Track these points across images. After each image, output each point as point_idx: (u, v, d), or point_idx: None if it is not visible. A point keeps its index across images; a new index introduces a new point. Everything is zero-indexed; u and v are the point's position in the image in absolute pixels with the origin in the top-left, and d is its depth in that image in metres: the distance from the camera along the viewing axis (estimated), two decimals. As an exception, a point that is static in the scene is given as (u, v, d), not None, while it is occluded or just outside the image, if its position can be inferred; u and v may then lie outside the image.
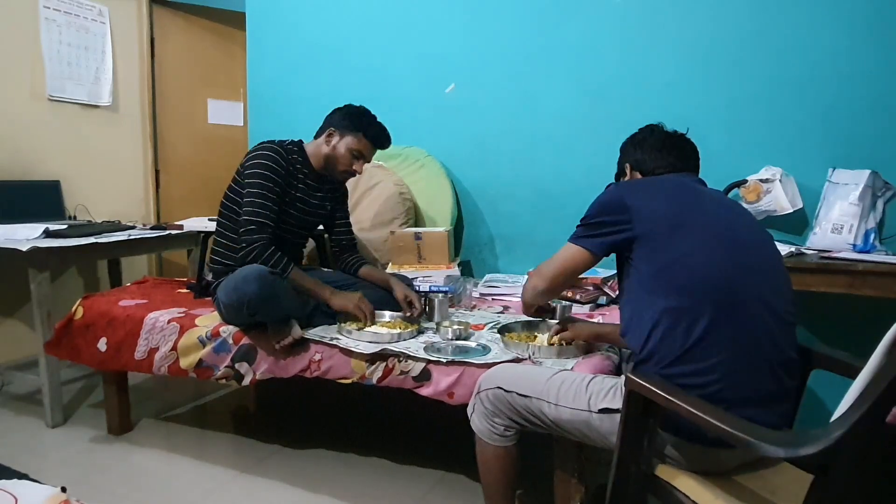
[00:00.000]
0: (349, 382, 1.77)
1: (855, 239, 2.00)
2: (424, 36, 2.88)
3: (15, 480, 1.07)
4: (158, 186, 3.80)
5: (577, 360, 1.60)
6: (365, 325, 1.90)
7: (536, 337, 1.77)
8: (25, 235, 2.35)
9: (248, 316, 1.82)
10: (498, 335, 1.78)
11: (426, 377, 1.67)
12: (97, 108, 3.41)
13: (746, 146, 2.31)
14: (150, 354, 2.02)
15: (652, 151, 1.56)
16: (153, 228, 2.89)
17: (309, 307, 1.94)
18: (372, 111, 2.11)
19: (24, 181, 2.98)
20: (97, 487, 1.92)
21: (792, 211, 2.13)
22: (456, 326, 1.85)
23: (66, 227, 2.59)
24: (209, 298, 2.15)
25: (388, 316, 2.00)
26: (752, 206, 2.15)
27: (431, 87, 2.88)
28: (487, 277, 2.63)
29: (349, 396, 2.60)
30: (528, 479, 1.63)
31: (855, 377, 0.87)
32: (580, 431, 1.34)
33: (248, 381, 1.90)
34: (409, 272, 2.41)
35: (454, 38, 2.82)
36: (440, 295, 2.10)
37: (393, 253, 2.57)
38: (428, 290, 2.18)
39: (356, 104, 2.11)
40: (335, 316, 1.95)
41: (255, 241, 1.89)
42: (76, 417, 2.46)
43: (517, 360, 1.61)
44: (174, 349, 1.98)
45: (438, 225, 2.68)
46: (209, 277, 2.17)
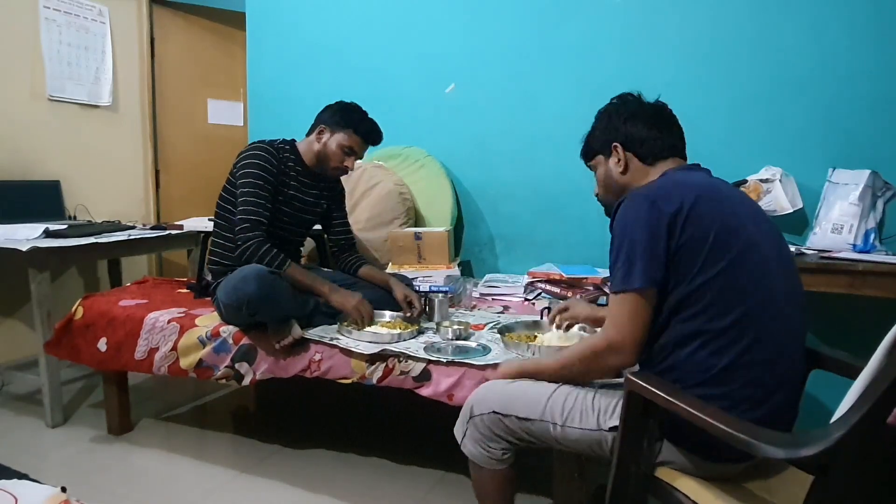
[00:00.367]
0: (349, 382, 1.77)
1: (855, 239, 2.00)
2: (424, 36, 2.88)
3: (15, 480, 1.07)
4: (158, 186, 3.80)
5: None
6: (363, 326, 1.90)
7: (536, 337, 1.77)
8: (25, 235, 2.35)
9: (247, 316, 1.82)
10: (498, 335, 1.78)
11: (426, 377, 1.67)
12: (97, 108, 3.41)
13: (746, 146, 2.31)
14: (150, 354, 2.02)
15: (650, 128, 1.30)
16: (153, 228, 2.89)
17: (309, 307, 1.93)
18: (368, 110, 2.10)
19: (24, 181, 2.98)
20: (97, 487, 1.92)
21: (792, 211, 2.13)
22: (456, 326, 1.86)
23: (66, 227, 2.59)
24: (209, 298, 2.15)
25: (388, 316, 2.00)
26: (752, 206, 2.15)
27: (431, 87, 2.88)
28: (487, 277, 2.63)
29: (349, 396, 2.60)
30: (528, 478, 1.62)
31: (855, 377, 0.87)
32: (590, 449, 1.25)
33: (248, 381, 1.90)
34: (409, 272, 2.41)
35: (454, 38, 2.82)
36: (440, 295, 2.10)
37: (393, 253, 2.57)
38: (428, 290, 2.18)
39: (368, 110, 2.10)
40: (335, 316, 1.95)
41: (250, 238, 1.89)
42: (76, 417, 2.45)
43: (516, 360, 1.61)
44: (174, 349, 1.98)
45: (438, 225, 2.68)
46: (208, 278, 2.17)
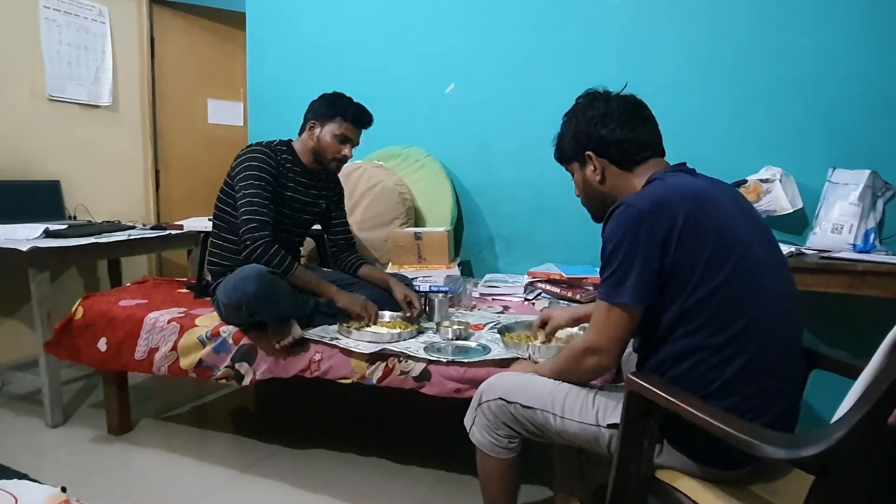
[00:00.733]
0: (349, 382, 1.77)
1: (855, 239, 2.00)
2: (424, 36, 2.88)
3: (15, 480, 1.07)
4: (158, 186, 3.80)
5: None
6: (367, 324, 1.91)
7: (536, 337, 1.77)
8: (25, 235, 2.35)
9: (247, 316, 1.82)
10: (498, 335, 1.78)
11: (426, 377, 1.67)
12: (97, 108, 3.41)
13: (746, 146, 2.31)
14: (150, 354, 2.02)
15: (623, 129, 1.22)
16: (153, 228, 2.89)
17: (309, 307, 1.93)
18: (369, 110, 2.09)
19: (24, 181, 2.98)
20: (97, 487, 1.92)
21: (792, 211, 2.13)
22: (456, 326, 1.86)
23: (66, 227, 2.59)
24: (209, 298, 2.15)
25: (388, 316, 2.00)
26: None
27: (431, 87, 2.88)
28: (487, 277, 2.63)
29: (349, 396, 2.60)
30: (528, 478, 1.63)
31: (855, 378, 0.87)
32: (588, 444, 1.28)
33: (248, 381, 1.90)
34: (409, 272, 2.41)
35: (454, 38, 2.82)
36: (440, 295, 2.10)
37: (393, 253, 2.57)
38: (428, 290, 2.18)
39: (368, 111, 2.09)
40: (335, 316, 1.95)
41: (258, 238, 1.89)
42: (76, 417, 2.45)
43: (516, 359, 1.61)
44: (174, 349, 1.98)
45: (438, 225, 2.68)
46: (208, 278, 2.17)
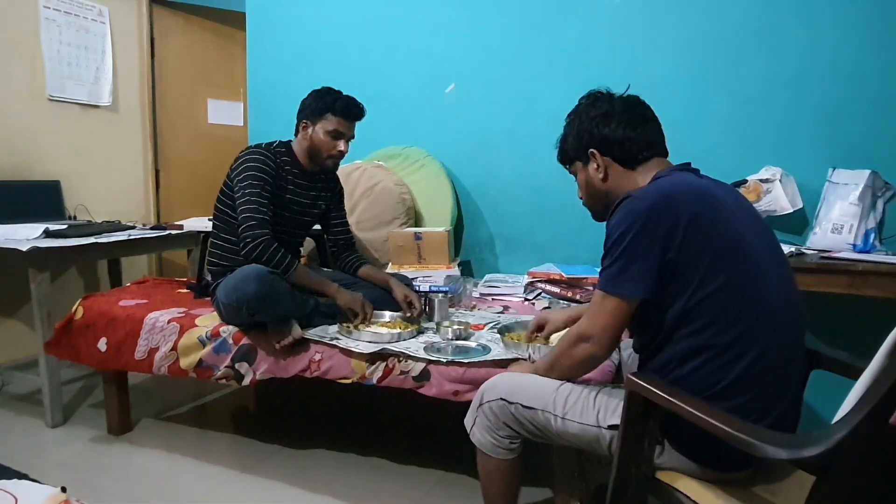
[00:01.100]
0: (349, 382, 1.77)
1: (855, 239, 2.00)
2: (424, 36, 2.88)
3: (15, 480, 1.07)
4: (158, 186, 3.80)
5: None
6: (361, 323, 1.91)
7: (536, 337, 1.77)
8: (25, 235, 2.35)
9: (247, 316, 1.82)
10: (498, 335, 1.78)
11: (426, 377, 1.67)
12: (97, 108, 3.41)
13: (746, 146, 2.31)
14: (150, 354, 2.02)
15: (626, 128, 1.24)
16: (153, 228, 2.89)
17: (309, 307, 1.93)
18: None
19: (24, 181, 2.98)
20: (97, 487, 1.92)
21: (792, 211, 2.13)
22: (456, 326, 1.86)
23: (66, 227, 2.59)
24: (209, 298, 2.15)
25: (388, 316, 2.00)
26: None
27: (431, 87, 2.88)
28: (487, 277, 2.63)
29: (349, 396, 2.59)
30: (528, 478, 1.62)
31: (856, 378, 0.87)
32: (588, 445, 1.27)
33: (248, 381, 1.90)
34: (409, 272, 2.41)
35: (454, 37, 2.82)
36: (440, 295, 2.10)
37: (393, 253, 2.57)
38: (428, 290, 2.18)
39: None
40: (335, 316, 1.95)
41: (258, 235, 1.88)
42: (76, 417, 2.45)
43: (516, 359, 1.61)
44: (174, 349, 1.98)
45: (438, 225, 2.68)
46: (208, 278, 2.17)
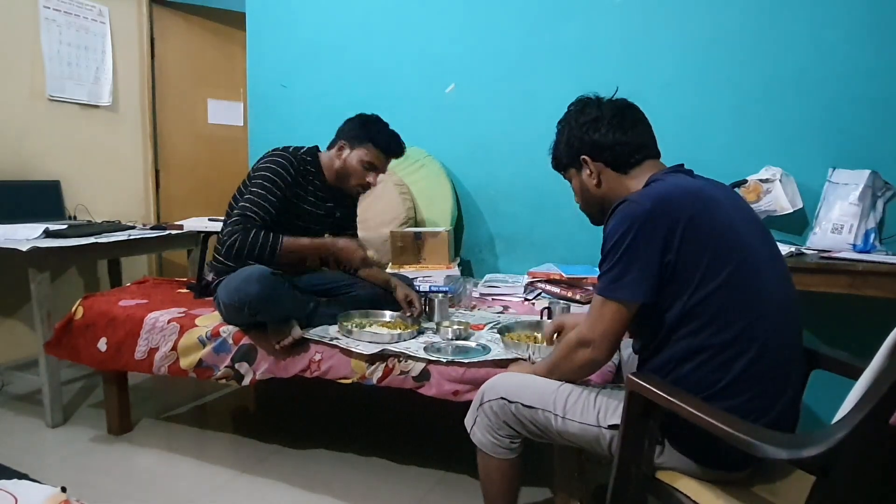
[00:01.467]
0: (349, 382, 1.77)
1: (855, 239, 2.00)
2: (424, 36, 2.88)
3: (15, 480, 1.07)
4: (158, 186, 3.80)
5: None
6: (368, 324, 1.91)
7: (536, 337, 1.77)
8: (25, 235, 2.35)
9: (248, 316, 1.82)
10: (498, 335, 1.78)
11: (426, 377, 1.67)
12: (97, 108, 3.41)
13: (746, 146, 2.30)
14: (150, 354, 2.02)
15: (615, 132, 1.26)
16: (153, 228, 2.89)
17: (309, 308, 1.93)
18: (369, 110, 2.10)
19: (24, 181, 2.98)
20: (97, 487, 1.92)
21: (792, 211, 2.13)
22: (456, 326, 1.86)
23: (66, 227, 2.59)
24: (209, 298, 2.15)
25: (388, 316, 2.00)
26: (751, 206, 2.15)
27: (431, 87, 2.88)
28: (487, 277, 2.63)
29: (349, 396, 2.59)
30: (528, 478, 1.62)
31: (856, 378, 0.87)
32: (589, 444, 1.28)
33: (248, 381, 1.90)
34: (409, 272, 2.41)
35: (454, 38, 2.82)
36: (440, 295, 2.10)
37: (393, 253, 2.57)
38: (428, 290, 2.18)
39: (368, 112, 2.08)
40: (335, 316, 1.95)
41: (237, 231, 1.85)
42: (76, 417, 2.45)
43: (516, 359, 1.61)
44: (174, 349, 1.98)
45: (438, 225, 2.68)
46: (210, 276, 2.17)
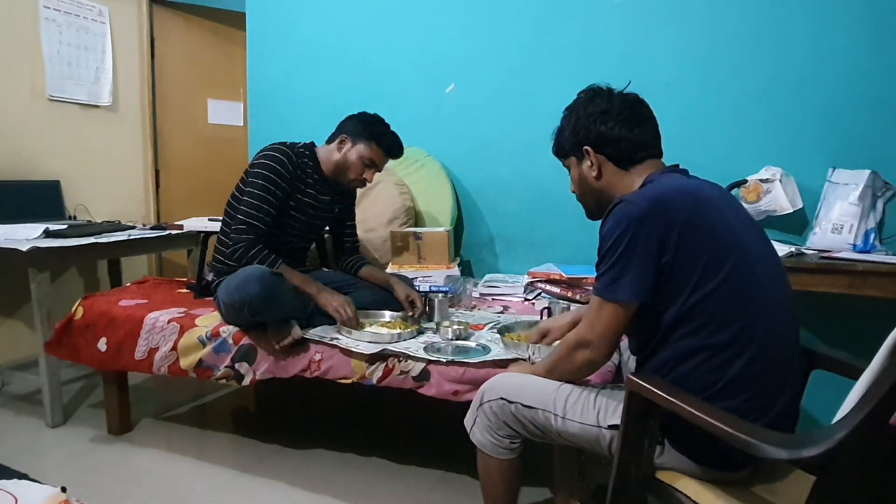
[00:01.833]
0: (349, 382, 1.77)
1: (855, 239, 2.00)
2: (424, 36, 2.88)
3: (15, 480, 1.07)
4: (158, 186, 3.80)
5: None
6: (351, 326, 1.86)
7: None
8: (25, 235, 2.35)
9: (248, 316, 1.82)
10: (498, 335, 1.78)
11: (426, 377, 1.67)
12: (97, 108, 3.41)
13: (746, 146, 2.30)
14: (150, 354, 2.02)
15: (622, 127, 1.23)
16: (153, 228, 2.89)
17: (309, 308, 1.93)
18: (369, 110, 2.11)
19: (24, 181, 2.98)
20: (97, 487, 1.92)
21: (792, 211, 2.13)
22: (456, 326, 1.86)
23: (66, 227, 2.59)
24: (209, 298, 2.15)
25: (388, 316, 2.00)
26: (752, 206, 2.15)
27: (431, 87, 2.88)
28: (487, 277, 2.63)
29: (349, 396, 2.59)
30: (528, 478, 1.62)
31: (856, 378, 0.87)
32: (589, 444, 1.28)
33: (248, 381, 1.90)
34: (409, 272, 2.41)
35: (454, 37, 2.82)
36: (440, 295, 2.10)
37: (393, 253, 2.57)
38: (428, 290, 2.18)
39: (371, 112, 2.10)
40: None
41: (241, 240, 1.91)
42: (76, 417, 2.45)
43: (516, 359, 1.61)
44: (174, 349, 1.98)
45: (438, 225, 2.68)
46: (210, 276, 2.17)
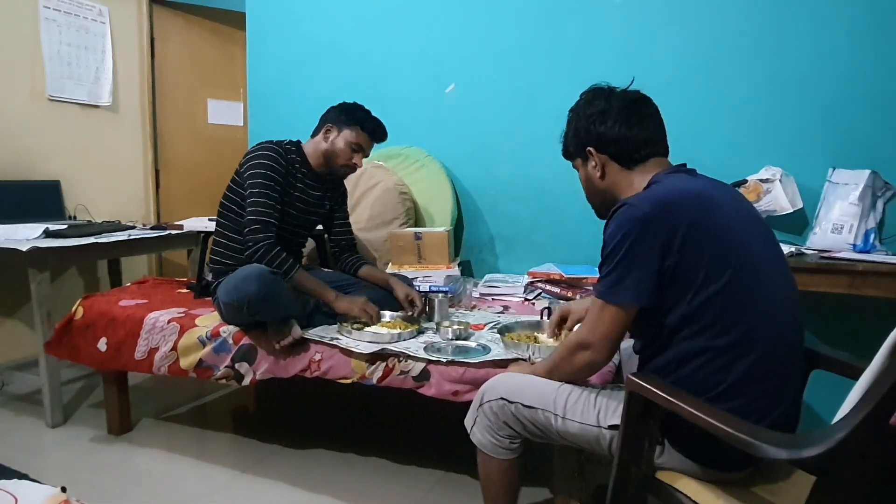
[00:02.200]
0: (349, 382, 1.77)
1: (855, 239, 2.00)
2: (424, 36, 2.88)
3: (15, 480, 1.07)
4: (158, 186, 3.80)
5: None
6: (369, 324, 1.90)
7: (537, 337, 1.77)
8: (25, 235, 2.35)
9: (248, 316, 1.82)
10: (498, 335, 1.78)
11: (426, 377, 1.67)
12: (97, 108, 3.41)
13: (746, 146, 2.31)
14: (150, 354, 2.02)
15: (622, 126, 1.23)
16: (153, 228, 2.89)
17: (309, 307, 1.94)
18: (371, 110, 2.12)
19: (24, 181, 2.98)
20: (97, 487, 1.92)
21: (792, 211, 2.13)
22: (456, 326, 1.86)
23: (66, 227, 2.59)
24: (209, 298, 2.15)
25: (388, 316, 2.00)
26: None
27: (431, 87, 2.88)
28: (487, 277, 2.63)
29: (349, 396, 2.59)
30: (528, 478, 1.62)
31: (856, 378, 0.87)
32: (589, 445, 1.28)
33: (248, 381, 1.90)
34: (409, 272, 2.41)
35: (454, 37, 2.82)
36: (440, 295, 2.10)
37: (393, 253, 2.57)
38: (428, 290, 2.18)
39: (372, 113, 2.12)
40: (335, 316, 1.95)
41: (260, 240, 1.90)
42: (76, 417, 2.45)
43: (516, 359, 1.61)
44: (174, 349, 1.98)
45: (438, 225, 2.68)
46: (209, 277, 2.18)
